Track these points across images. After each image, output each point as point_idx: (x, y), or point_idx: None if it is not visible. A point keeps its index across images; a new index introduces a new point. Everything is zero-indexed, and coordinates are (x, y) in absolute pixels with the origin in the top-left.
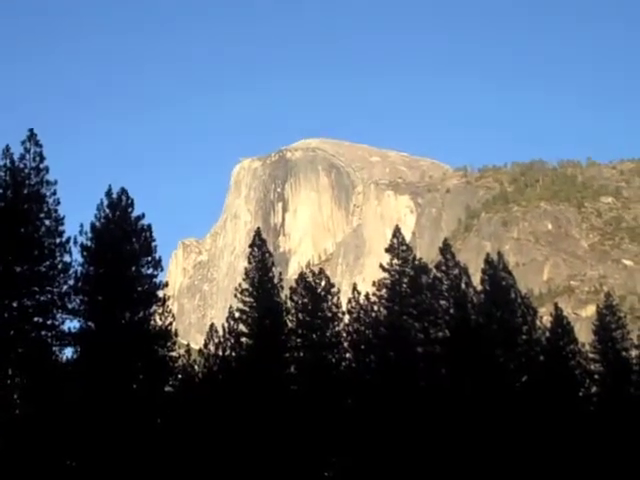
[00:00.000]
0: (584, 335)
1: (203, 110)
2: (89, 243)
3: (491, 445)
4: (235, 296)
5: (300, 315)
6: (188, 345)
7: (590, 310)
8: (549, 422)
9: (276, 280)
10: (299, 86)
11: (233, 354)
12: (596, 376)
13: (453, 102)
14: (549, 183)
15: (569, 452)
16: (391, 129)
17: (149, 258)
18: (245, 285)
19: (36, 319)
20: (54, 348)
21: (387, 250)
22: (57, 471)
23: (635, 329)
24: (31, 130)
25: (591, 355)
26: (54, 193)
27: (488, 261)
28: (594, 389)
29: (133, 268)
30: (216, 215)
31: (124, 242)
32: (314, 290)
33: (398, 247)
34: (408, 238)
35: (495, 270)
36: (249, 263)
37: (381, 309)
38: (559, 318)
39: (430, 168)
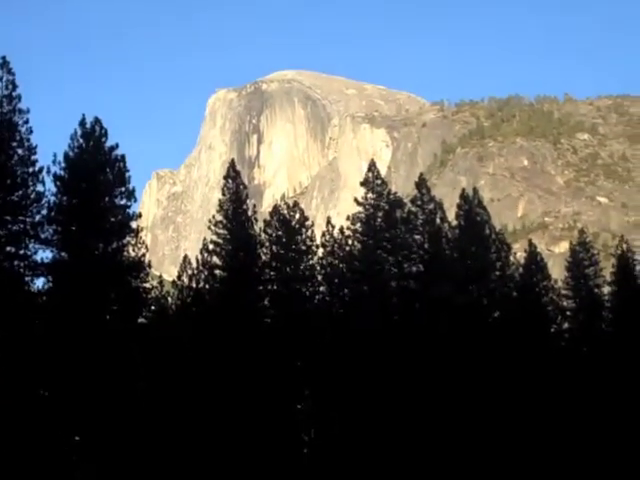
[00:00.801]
0: (557, 271)
1: (178, 38)
2: (62, 173)
3: (464, 379)
4: (209, 228)
5: (274, 248)
6: (161, 277)
7: (564, 247)
8: (522, 357)
9: (250, 213)
10: (275, 15)
11: (207, 286)
12: (568, 312)
13: (431, 34)
14: (526, 119)
15: (541, 387)
16: (368, 61)
17: (123, 189)
18: (219, 217)
19: (8, 249)
20: (26, 278)
21: (362, 184)
22: (30, 400)
23: (608, 266)
24: (3, 57)
25: (564, 292)
26: (26, 122)
27: (463, 196)
28: (566, 325)
29: (107, 199)
30: (191, 146)
31: (98, 172)
32: (288, 223)
33: (373, 181)
34: (383, 172)
35: (470, 205)
36: (223, 195)
37: (355, 243)
38: (533, 254)
39: (407, 102)
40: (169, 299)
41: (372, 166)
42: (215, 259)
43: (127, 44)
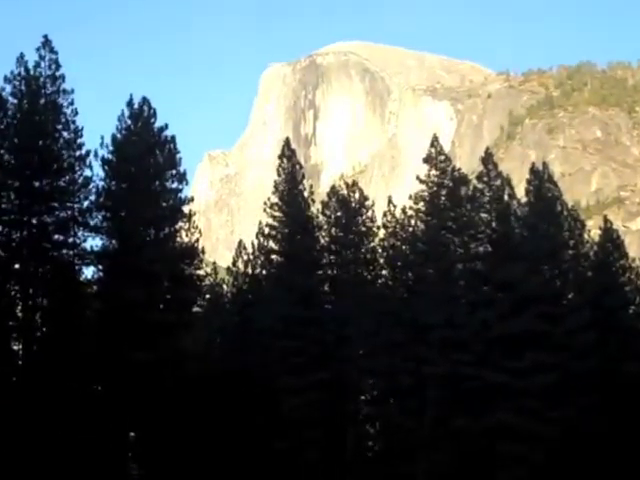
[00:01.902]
0: (635, 249)
1: (229, 11)
2: (110, 156)
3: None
4: (264, 211)
5: (333, 230)
6: (215, 263)
7: None
8: (599, 340)
9: (307, 194)
10: None
11: (263, 272)
12: None
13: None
14: (598, 87)
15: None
16: (428, 30)
17: (174, 171)
18: (274, 199)
19: (56, 237)
20: (76, 267)
21: (425, 160)
22: (80, 399)
23: None
24: (45, 36)
25: None
26: (72, 103)
27: (533, 171)
28: None
29: (157, 182)
30: (244, 125)
31: (147, 155)
32: (347, 204)
33: (436, 157)
34: (447, 147)
35: (540, 181)
36: (278, 176)
37: (418, 223)
38: (608, 231)
39: (470, 72)
40: (224, 286)
41: (435, 141)
42: (271, 243)
43: (171, 19)
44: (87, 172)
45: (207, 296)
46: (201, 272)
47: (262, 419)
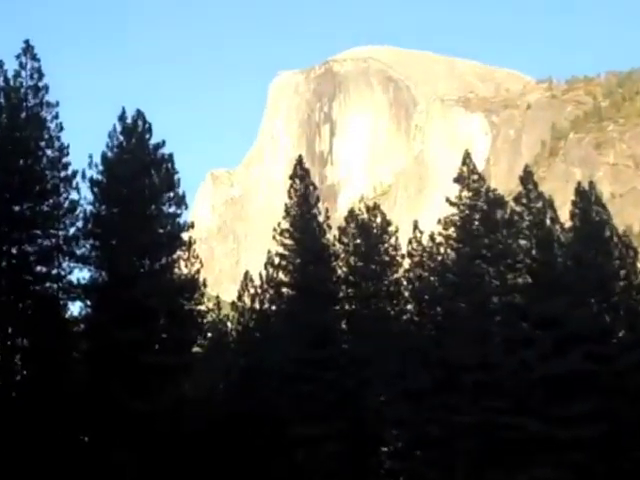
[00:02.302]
0: None
1: (234, 16)
2: (100, 177)
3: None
4: (274, 238)
5: (351, 260)
6: (218, 298)
7: None
8: None
9: (322, 218)
10: None
11: (272, 307)
12: None
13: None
14: None
15: None
16: (458, 33)
17: (171, 194)
18: (285, 225)
19: (39, 268)
20: (61, 302)
21: (456, 180)
22: (65, 451)
23: None
24: (27, 42)
25: None
26: (56, 117)
27: (578, 191)
28: None
29: (152, 206)
30: (250, 141)
31: (141, 175)
32: (368, 230)
33: (469, 176)
34: (481, 165)
35: (586, 202)
36: (290, 198)
37: (448, 251)
38: None
39: (507, 80)
40: (228, 324)
41: (467, 158)
42: (281, 275)
43: (170, 24)
44: (74, 195)
45: (209, 335)
46: (202, 307)
47: (273, 471)
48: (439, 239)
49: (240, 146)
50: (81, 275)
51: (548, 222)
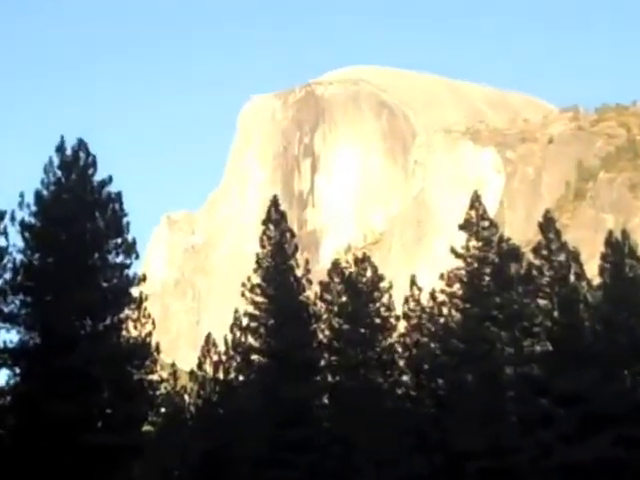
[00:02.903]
0: None
1: (198, 34)
2: (33, 220)
3: None
4: (242, 295)
5: (335, 322)
6: (174, 366)
7: None
8: None
9: (301, 272)
10: None
11: (240, 378)
12: None
13: (555, 15)
14: None
15: None
16: (464, 51)
17: (119, 240)
18: (257, 279)
19: None
20: None
21: (462, 227)
22: None
23: None
24: None
25: None
26: None
27: (609, 242)
28: None
29: (96, 255)
30: (215, 178)
31: (83, 218)
32: (356, 285)
33: (478, 222)
34: (493, 209)
35: (619, 255)
36: (262, 247)
37: (453, 312)
38: None
39: (524, 108)
40: (186, 397)
41: (476, 201)
42: (251, 339)
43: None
44: (1, 241)
45: (163, 410)
46: (155, 377)
47: None
48: (441, 297)
49: (203, 184)
50: (8, 337)
51: (572, 278)
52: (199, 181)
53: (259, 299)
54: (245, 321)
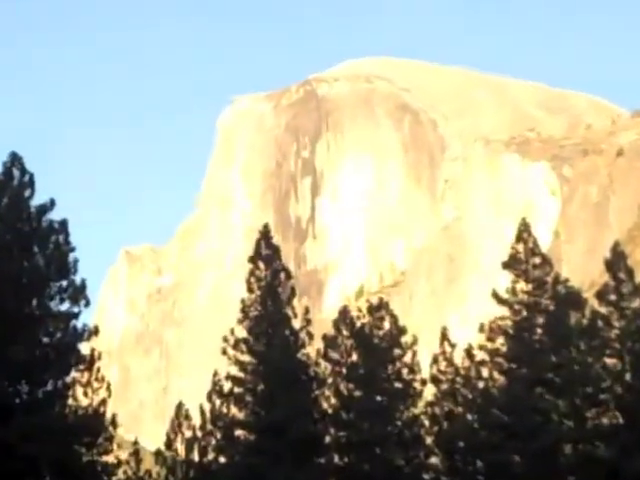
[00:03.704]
0: None
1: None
2: None
3: None
4: (223, 352)
5: (344, 387)
6: (136, 444)
7: None
8: None
9: (300, 323)
10: None
11: (221, 460)
12: None
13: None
14: None
15: None
16: (510, 42)
17: (64, 283)
18: (242, 332)
19: None
20: None
21: (507, 265)
22: None
23: None
24: None
25: None
26: None
27: None
28: None
29: (34, 302)
30: (188, 204)
31: (17, 253)
32: (369, 340)
33: (527, 259)
34: (546, 241)
35: None
36: (249, 291)
37: (495, 375)
38: None
39: (586, 112)
40: None
41: (525, 231)
42: (235, 410)
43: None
44: None
45: None
46: (111, 459)
47: None
48: (480, 355)
49: (171, 211)
50: None
51: None
52: (167, 207)
53: (245, 358)
54: (227, 386)
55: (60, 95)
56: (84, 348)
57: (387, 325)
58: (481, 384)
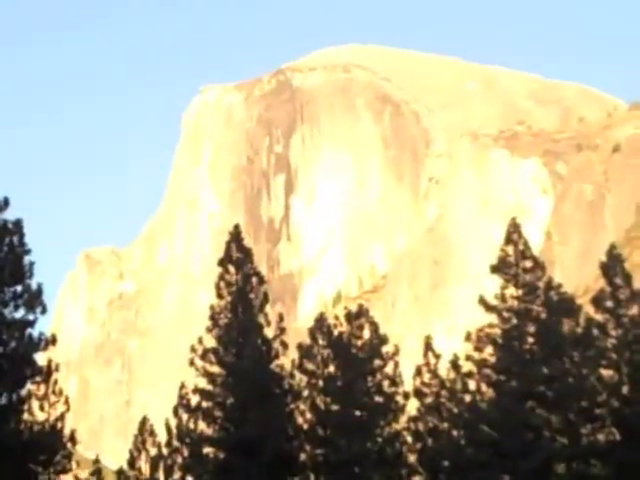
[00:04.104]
0: None
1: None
2: None
3: None
4: (191, 363)
5: (320, 400)
6: (98, 462)
7: None
8: None
9: (273, 331)
10: None
11: (189, 479)
12: None
13: None
14: None
15: None
16: (500, 30)
17: (18, 288)
18: (211, 342)
19: None
20: None
21: (495, 269)
22: None
23: None
24: None
25: None
26: None
27: None
28: None
29: None
30: (152, 203)
31: None
32: (348, 350)
33: (517, 262)
34: (538, 244)
35: None
36: (219, 297)
37: (482, 387)
38: None
39: (579, 103)
40: None
41: (514, 232)
42: (203, 426)
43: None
44: None
45: None
46: (69, 478)
47: None
48: (467, 366)
49: (134, 211)
50: None
51: None
52: (129, 207)
53: (214, 369)
54: (195, 400)
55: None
56: (40, 359)
57: (367, 334)
58: (468, 398)
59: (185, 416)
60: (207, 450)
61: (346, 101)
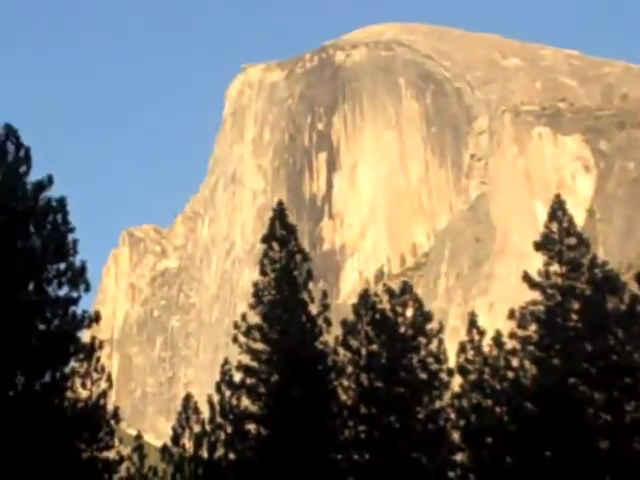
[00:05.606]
0: None
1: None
2: None
3: None
4: (235, 340)
5: (364, 378)
6: (140, 438)
7: None
8: None
9: (316, 308)
10: None
11: (231, 456)
12: None
13: None
14: None
15: None
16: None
17: (62, 266)
18: (255, 318)
19: None
20: None
21: (539, 246)
22: None
23: None
24: None
25: None
26: None
27: None
28: None
29: (30, 286)
30: (194, 182)
31: (11, 234)
32: (391, 327)
33: (561, 240)
34: (580, 221)
35: None
36: (262, 274)
37: (525, 364)
38: None
39: (623, 80)
40: None
41: (558, 209)
42: (247, 402)
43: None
44: None
45: None
46: (112, 455)
47: None
48: (511, 344)
49: (176, 190)
50: None
51: None
52: (171, 186)
53: (258, 346)
54: (238, 377)
55: (60, 61)
56: (84, 336)
57: (410, 311)
58: (511, 374)
59: (228, 393)
60: (250, 427)
61: (388, 79)
